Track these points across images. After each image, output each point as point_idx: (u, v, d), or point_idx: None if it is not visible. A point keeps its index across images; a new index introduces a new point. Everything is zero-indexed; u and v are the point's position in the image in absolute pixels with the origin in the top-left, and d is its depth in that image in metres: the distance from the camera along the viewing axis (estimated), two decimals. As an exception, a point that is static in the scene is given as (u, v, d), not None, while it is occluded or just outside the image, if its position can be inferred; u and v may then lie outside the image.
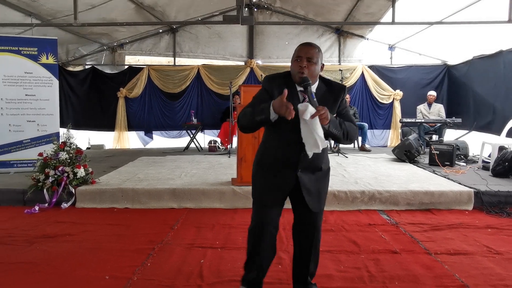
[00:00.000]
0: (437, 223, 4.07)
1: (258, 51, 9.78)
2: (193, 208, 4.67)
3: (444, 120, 7.89)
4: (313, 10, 8.78)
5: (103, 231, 3.86)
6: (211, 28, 9.59)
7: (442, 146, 6.55)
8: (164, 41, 9.73)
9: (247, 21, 5.76)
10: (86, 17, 6.61)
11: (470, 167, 6.33)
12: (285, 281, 2.76)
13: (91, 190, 4.85)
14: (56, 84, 6.36)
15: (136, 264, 3.04)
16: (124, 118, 9.51)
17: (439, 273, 2.89)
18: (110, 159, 7.48)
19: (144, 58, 10.01)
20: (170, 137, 9.90)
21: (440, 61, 9.55)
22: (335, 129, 2.11)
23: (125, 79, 9.49)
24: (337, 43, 9.71)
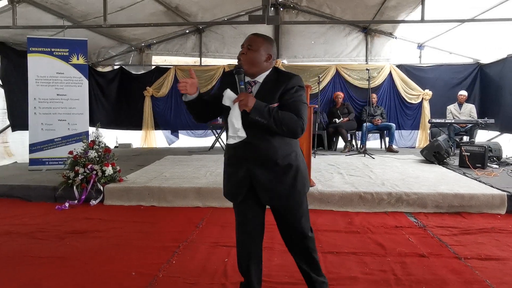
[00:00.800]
0: (467, 227, 3.94)
1: (283, 51, 9.74)
2: (218, 207, 4.70)
3: (476, 120, 7.64)
4: (340, 8, 8.67)
5: (130, 228, 3.94)
6: (237, 28, 9.61)
7: (473, 147, 6.34)
8: (190, 41, 9.84)
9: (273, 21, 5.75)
10: (115, 18, 6.76)
11: (504, 169, 6.10)
12: (309, 282, 2.72)
13: (119, 188, 4.95)
14: (86, 84, 6.54)
15: (161, 261, 3.08)
16: (150, 117, 9.66)
17: (469, 278, 2.80)
18: (137, 157, 7.62)
19: (170, 58, 10.14)
20: (195, 136, 10.00)
21: (472, 59, 9.24)
22: (260, 116, 1.99)
23: (152, 79, 9.64)
24: (364, 42, 9.56)
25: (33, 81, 6.24)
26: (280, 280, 2.76)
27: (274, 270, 2.92)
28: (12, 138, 7.41)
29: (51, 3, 6.17)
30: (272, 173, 2.13)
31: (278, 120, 2.01)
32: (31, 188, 5.12)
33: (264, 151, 2.11)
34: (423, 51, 9.44)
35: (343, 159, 7.26)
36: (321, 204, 4.63)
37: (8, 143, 7.40)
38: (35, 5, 6.05)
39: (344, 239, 3.60)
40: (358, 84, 9.17)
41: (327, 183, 5.08)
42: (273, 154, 2.11)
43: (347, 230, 3.88)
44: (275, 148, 2.12)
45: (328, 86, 9.29)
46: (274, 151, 2.11)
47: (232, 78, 2.11)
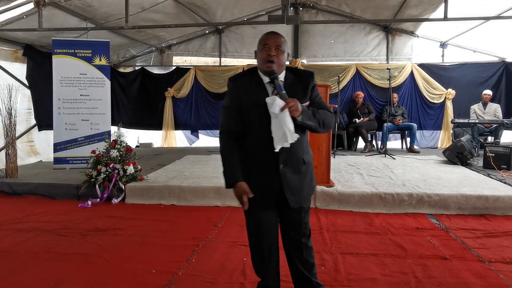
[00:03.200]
0: (492, 230, 3.85)
1: (303, 50, 9.69)
2: (237, 206, 4.71)
3: (501, 120, 7.44)
4: (360, 7, 8.57)
5: (150, 227, 4.00)
6: (256, 28, 9.61)
7: (498, 148, 6.18)
8: (210, 41, 9.90)
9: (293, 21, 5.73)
10: (136, 19, 6.86)
11: (530, 170, 5.92)
12: (327, 282, 2.71)
13: (140, 186, 5.03)
14: (108, 84, 6.66)
15: (181, 260, 3.12)
16: (171, 118, 9.77)
17: (494, 282, 2.73)
18: (157, 157, 7.72)
19: (190, 58, 10.23)
20: (215, 136, 10.05)
21: (497, 58, 8.99)
22: (309, 120, 2.00)
23: (173, 79, 9.74)
24: (385, 41, 9.43)
25: (58, 82, 6.39)
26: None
27: (292, 270, 2.91)
28: (37, 137, 7.61)
29: (75, 5, 6.31)
30: (299, 174, 2.13)
31: (321, 119, 2.07)
32: (55, 186, 5.25)
33: (297, 153, 2.11)
34: (446, 49, 9.24)
35: (363, 159, 7.18)
36: (341, 204, 4.59)
37: (33, 142, 7.60)
38: (60, 8, 6.20)
39: (364, 240, 3.57)
40: (378, 83, 9.05)
41: (346, 183, 5.04)
42: (301, 154, 2.14)
43: (366, 231, 3.84)
44: (303, 149, 2.15)
45: (348, 85, 9.20)
46: (302, 151, 2.15)
47: (245, 83, 2.09)
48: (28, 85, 7.34)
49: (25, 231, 3.87)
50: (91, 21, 6.97)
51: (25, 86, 7.30)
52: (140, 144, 10.01)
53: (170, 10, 7.52)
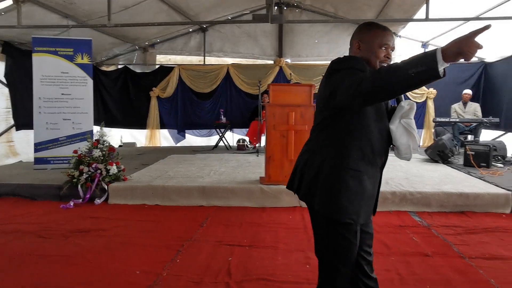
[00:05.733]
0: (472, 226, 3.93)
1: (287, 50, 9.73)
2: (222, 206, 4.71)
3: (481, 119, 7.60)
4: (344, 7, 8.65)
5: (134, 227, 3.96)
6: (240, 27, 9.61)
7: (478, 146, 6.31)
8: (194, 40, 9.84)
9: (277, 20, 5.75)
10: (119, 18, 6.77)
11: (508, 168, 6.07)
12: (312, 281, 2.73)
13: (123, 186, 4.97)
14: (91, 83, 6.56)
15: (165, 260, 3.09)
16: (156, 117, 9.67)
17: (474, 278, 2.79)
18: (141, 156, 7.64)
19: (175, 57, 10.16)
20: (200, 135, 10.02)
21: (477, 58, 9.19)
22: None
23: (157, 78, 9.65)
24: (368, 41, 9.52)
25: (38, 81, 6.26)
26: (285, 279, 2.76)
27: (278, 269, 2.92)
28: (17, 137, 7.45)
29: (56, 2, 6.19)
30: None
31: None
32: (36, 187, 5.15)
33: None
34: (427, 49, 9.38)
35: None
36: (325, 203, 4.61)
37: (13, 142, 7.44)
38: (40, 4, 6.08)
39: (348, 238, 3.59)
40: (362, 83, 9.13)
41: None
42: None
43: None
44: None
45: (332, 85, 9.26)
46: None
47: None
48: (7, 83, 7.18)
49: (5, 233, 3.79)
50: (72, 19, 6.86)
51: (3, 84, 7.13)
52: (123, 143, 9.90)
53: (154, 8, 7.45)
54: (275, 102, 4.92)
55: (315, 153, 1.82)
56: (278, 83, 8.94)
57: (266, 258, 3.13)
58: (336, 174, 1.73)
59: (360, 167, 1.74)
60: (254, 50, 9.81)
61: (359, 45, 1.86)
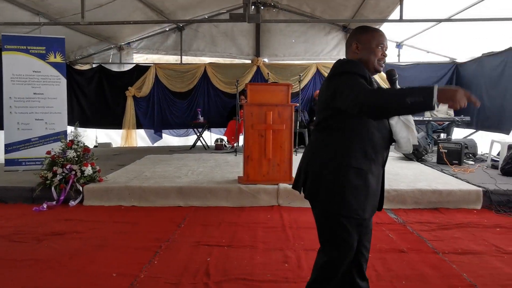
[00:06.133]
0: (445, 222, 4.04)
1: (264, 49, 9.75)
2: (200, 206, 4.68)
3: (453, 118, 7.82)
4: (320, 7, 8.73)
5: (110, 229, 3.89)
6: (217, 26, 9.58)
7: (450, 144, 6.49)
8: (171, 39, 9.75)
9: (254, 19, 5.75)
10: (94, 16, 6.64)
11: (479, 165, 6.27)
12: (291, 279, 2.75)
13: (99, 188, 4.88)
14: (64, 82, 6.40)
15: (143, 262, 3.05)
16: (132, 117, 9.52)
17: (447, 273, 2.87)
18: (117, 157, 7.52)
19: (151, 56, 10.04)
20: (177, 135, 9.93)
21: (448, 58, 9.45)
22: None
23: (133, 77, 9.51)
24: (344, 41, 9.64)
25: (8, 80, 6.06)
26: (264, 278, 2.77)
27: (257, 268, 2.93)
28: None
29: (27, -1, 6.03)
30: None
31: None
32: (7, 189, 4.98)
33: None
34: (401, 50, 9.61)
35: (324, 157, 7.30)
36: (303, 201, 4.63)
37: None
38: (10, 1, 5.90)
39: (326, 236, 3.63)
40: (338, 82, 9.24)
41: (308, 181, 5.11)
42: None
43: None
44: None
45: (309, 84, 9.37)
46: None
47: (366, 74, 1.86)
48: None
49: (-26, 237, 3.66)
50: (44, 16, 6.68)
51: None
52: (98, 144, 9.72)
53: (129, 6, 7.34)
54: (252, 101, 4.92)
55: (318, 153, 1.93)
56: (255, 83, 8.96)
57: (244, 258, 3.13)
58: (340, 173, 1.82)
59: (363, 165, 1.83)
60: (231, 49, 9.79)
61: (357, 46, 1.97)
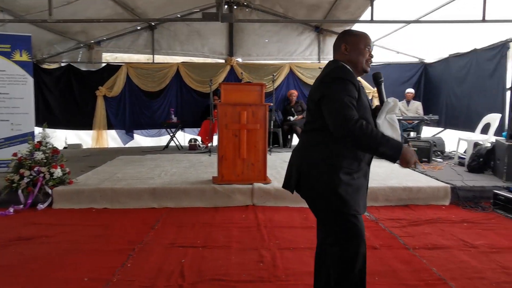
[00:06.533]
0: (416, 219, 4.15)
1: (238, 49, 9.74)
2: (174, 207, 4.63)
3: (422, 117, 8.04)
4: (293, 8, 8.79)
5: (81, 232, 3.79)
6: (190, 25, 9.49)
7: (419, 142, 6.68)
8: (142, 38, 9.58)
9: (227, 19, 5.74)
10: (62, 13, 6.44)
11: (447, 163, 6.48)
12: (266, 279, 2.76)
13: (69, 190, 4.75)
14: (31, 82, 6.19)
15: (115, 265, 2.99)
16: (103, 117, 9.30)
17: (418, 267, 2.95)
18: (88, 158, 7.33)
19: (122, 55, 9.85)
20: (150, 136, 9.77)
21: (417, 59, 9.71)
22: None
23: (103, 76, 9.29)
24: (316, 41, 9.77)
25: (-29, 79, 5.82)
26: (239, 278, 2.77)
27: (232, 268, 2.92)
28: None
29: (-10, -5, 5.80)
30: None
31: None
32: (-30, 193, 4.78)
33: None
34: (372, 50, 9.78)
35: (298, 156, 7.36)
36: (277, 201, 4.68)
37: None
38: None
39: (300, 235, 3.67)
40: (311, 82, 9.34)
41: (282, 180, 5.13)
42: None
43: (303, 225, 3.96)
44: None
45: (282, 84, 9.42)
46: None
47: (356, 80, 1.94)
48: None
49: None
50: (8, 13, 6.44)
51: None
52: (68, 145, 9.45)
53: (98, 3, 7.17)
54: (226, 101, 4.91)
55: (311, 153, 1.97)
56: (229, 82, 8.93)
57: (219, 258, 3.12)
58: (332, 173, 1.89)
59: (353, 165, 1.92)
60: (204, 49, 9.72)
61: (346, 47, 2.05)
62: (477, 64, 7.44)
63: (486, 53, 7.20)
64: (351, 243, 1.92)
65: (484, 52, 7.24)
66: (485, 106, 7.07)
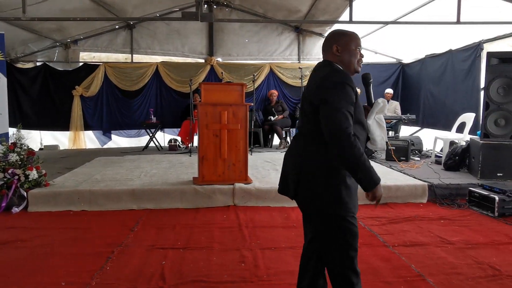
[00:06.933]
0: (394, 216, 4.22)
1: (218, 48, 9.71)
2: (154, 208, 4.57)
3: (400, 116, 8.18)
4: (272, 8, 8.82)
5: (58, 235, 3.70)
6: (169, 25, 9.40)
7: (398, 141, 6.79)
8: (120, 37, 9.44)
9: (207, 18, 5.71)
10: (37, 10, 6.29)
11: (424, 161, 6.61)
12: (248, 279, 2.75)
13: (45, 192, 4.63)
14: (4, 81, 6.04)
15: (94, 269, 2.93)
16: (80, 118, 9.11)
17: (397, 264, 2.99)
18: (65, 160, 7.18)
19: (99, 54, 9.67)
20: (129, 136, 9.63)
21: (395, 59, 9.88)
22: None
23: (81, 76, 9.10)
24: (296, 41, 9.82)
25: None
26: (221, 279, 2.75)
27: (213, 269, 2.90)
28: None
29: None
30: None
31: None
32: None
33: None
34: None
35: (279, 155, 7.40)
36: (258, 200, 4.68)
37: None
38: None
39: (282, 234, 3.68)
40: (291, 82, 9.41)
41: (264, 179, 5.16)
42: None
43: (284, 225, 3.97)
44: None
45: (263, 84, 9.44)
46: None
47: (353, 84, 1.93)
48: None
49: None
50: (-20, 11, 6.25)
51: None
52: (44, 146, 9.23)
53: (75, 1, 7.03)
54: (207, 101, 4.88)
55: (309, 157, 1.95)
56: (209, 82, 8.90)
57: (201, 260, 3.09)
58: (334, 175, 1.90)
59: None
60: (184, 48, 9.65)
61: (337, 48, 2.01)
62: (453, 65, 7.62)
63: (461, 54, 7.39)
64: (351, 244, 1.96)
65: (459, 53, 7.42)
66: (460, 106, 7.25)
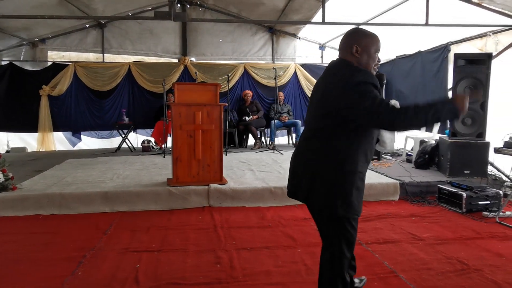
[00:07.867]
0: (367, 214, 4.29)
1: (191, 48, 9.62)
2: (127, 211, 4.49)
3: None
4: (246, 8, 8.82)
5: (27, 241, 3.58)
6: (142, 24, 9.25)
7: (370, 141, 6.91)
8: (91, 36, 9.22)
9: (180, 18, 5.65)
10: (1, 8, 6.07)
11: (395, 160, 6.77)
12: (224, 280, 2.74)
13: (12, 197, 4.47)
14: (-32, 81, 5.79)
15: (65, 274, 2.85)
16: (48, 118, 8.83)
17: (371, 261, 3.05)
18: (33, 162, 6.95)
19: (69, 54, 9.40)
20: (100, 137, 9.40)
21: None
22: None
23: (49, 76, 8.81)
24: (270, 42, 9.86)
25: None
26: (196, 281, 2.73)
27: (188, 271, 2.88)
28: None
29: None
30: None
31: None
32: None
33: None
34: (324, 51, 10.04)
35: (254, 155, 7.42)
36: (234, 201, 4.67)
37: None
38: None
39: (257, 234, 3.69)
40: (265, 82, 9.44)
41: (239, 180, 5.15)
42: None
43: (259, 225, 3.98)
44: None
45: (237, 84, 9.42)
46: None
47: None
48: None
49: None
50: None
51: None
52: (11, 148, 8.90)
53: (43, -1, 6.82)
54: (180, 101, 4.84)
55: (324, 161, 1.94)
56: (183, 82, 8.81)
57: (175, 262, 3.06)
58: (349, 179, 1.91)
59: (364, 169, 1.98)
60: (157, 48, 9.51)
61: (357, 49, 1.98)
62: (422, 65, 7.82)
63: (429, 55, 7.59)
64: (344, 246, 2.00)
65: (428, 54, 7.63)
66: (429, 105, 7.43)
